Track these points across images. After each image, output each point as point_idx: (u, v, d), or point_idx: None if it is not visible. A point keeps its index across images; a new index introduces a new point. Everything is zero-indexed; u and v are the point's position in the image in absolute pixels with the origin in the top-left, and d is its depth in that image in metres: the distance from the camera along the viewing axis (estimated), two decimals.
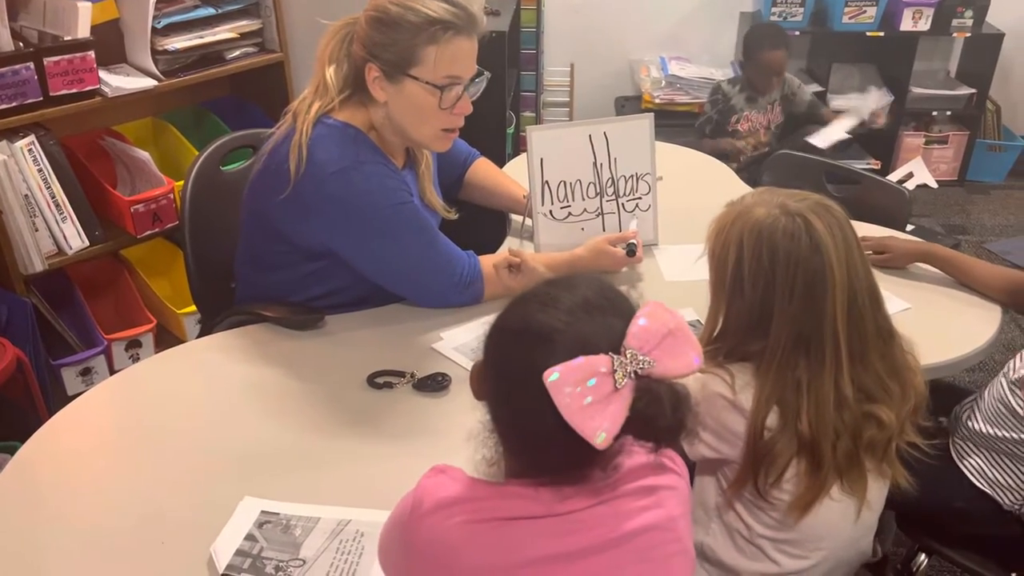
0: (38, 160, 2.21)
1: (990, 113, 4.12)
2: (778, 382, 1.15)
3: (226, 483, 1.24)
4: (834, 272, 1.15)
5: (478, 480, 0.93)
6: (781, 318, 1.15)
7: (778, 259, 1.15)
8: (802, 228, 1.15)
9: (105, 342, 2.43)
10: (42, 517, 1.20)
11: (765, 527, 1.20)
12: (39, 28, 2.22)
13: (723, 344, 1.21)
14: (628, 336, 0.83)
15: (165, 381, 1.49)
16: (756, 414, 1.15)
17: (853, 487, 1.18)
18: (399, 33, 1.47)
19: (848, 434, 1.15)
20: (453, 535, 0.87)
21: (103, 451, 1.34)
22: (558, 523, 0.88)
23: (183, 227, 1.82)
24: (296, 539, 1.13)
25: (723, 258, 1.21)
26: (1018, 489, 1.49)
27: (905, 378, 1.21)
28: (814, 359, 1.15)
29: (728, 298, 1.21)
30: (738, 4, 4.09)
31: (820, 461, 1.14)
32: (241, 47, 2.57)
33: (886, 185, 2.13)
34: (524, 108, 3.84)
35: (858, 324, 1.17)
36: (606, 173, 1.87)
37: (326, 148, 1.50)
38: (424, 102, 1.51)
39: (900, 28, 3.80)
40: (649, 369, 0.82)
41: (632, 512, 0.90)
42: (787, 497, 1.17)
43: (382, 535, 0.98)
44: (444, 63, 1.49)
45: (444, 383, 1.45)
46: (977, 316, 1.66)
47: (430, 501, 0.90)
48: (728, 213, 1.23)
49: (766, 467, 1.15)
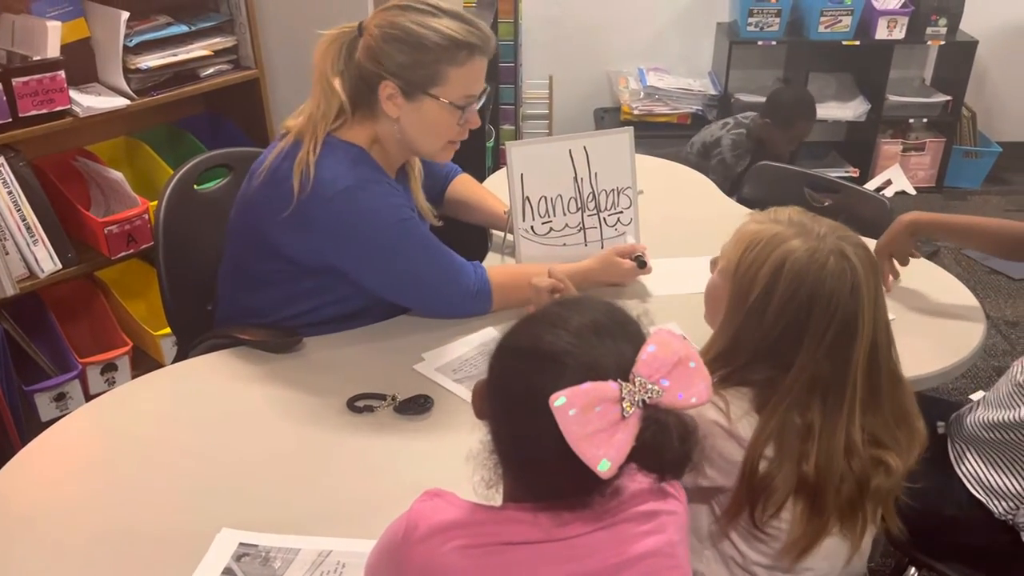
0: (8, 182, 2.16)
1: (966, 120, 4.16)
2: (786, 420, 1.11)
3: (204, 513, 1.21)
4: (864, 317, 1.11)
5: (474, 504, 0.90)
6: (806, 358, 1.11)
7: (819, 299, 1.10)
8: (847, 269, 1.10)
9: (80, 366, 2.38)
10: (15, 549, 1.16)
11: (761, 555, 1.18)
12: (7, 48, 2.18)
13: (724, 365, 1.17)
14: (638, 363, 0.81)
15: (141, 407, 1.46)
16: (755, 448, 1.11)
17: (850, 532, 1.15)
18: (423, 54, 1.47)
19: (854, 480, 1.11)
20: (448, 561, 0.85)
21: (77, 480, 1.30)
22: (558, 548, 0.86)
23: (157, 248, 1.79)
24: (276, 571, 1.10)
25: (748, 280, 1.14)
26: (1011, 496, 1.48)
27: (912, 425, 1.18)
28: (831, 405, 1.11)
29: (743, 321, 1.15)
30: (714, 15, 4.11)
31: (823, 506, 1.11)
32: (215, 64, 2.53)
33: (867, 195, 2.14)
34: (504, 121, 3.82)
35: (874, 372, 1.14)
36: (587, 188, 1.86)
37: (331, 167, 1.50)
38: (441, 120, 1.53)
39: (876, 37, 3.83)
40: (657, 399, 0.80)
41: (634, 537, 0.88)
42: (784, 526, 1.14)
43: (370, 561, 0.96)
44: (465, 83, 1.51)
45: (427, 405, 1.43)
46: (961, 325, 1.66)
47: (424, 526, 0.87)
48: (759, 234, 1.16)
49: (764, 500, 1.12)
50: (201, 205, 1.85)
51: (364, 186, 1.51)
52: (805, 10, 3.84)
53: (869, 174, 4.13)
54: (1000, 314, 3.13)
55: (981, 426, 1.52)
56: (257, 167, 1.57)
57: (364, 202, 1.51)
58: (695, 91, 4.03)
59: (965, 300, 1.75)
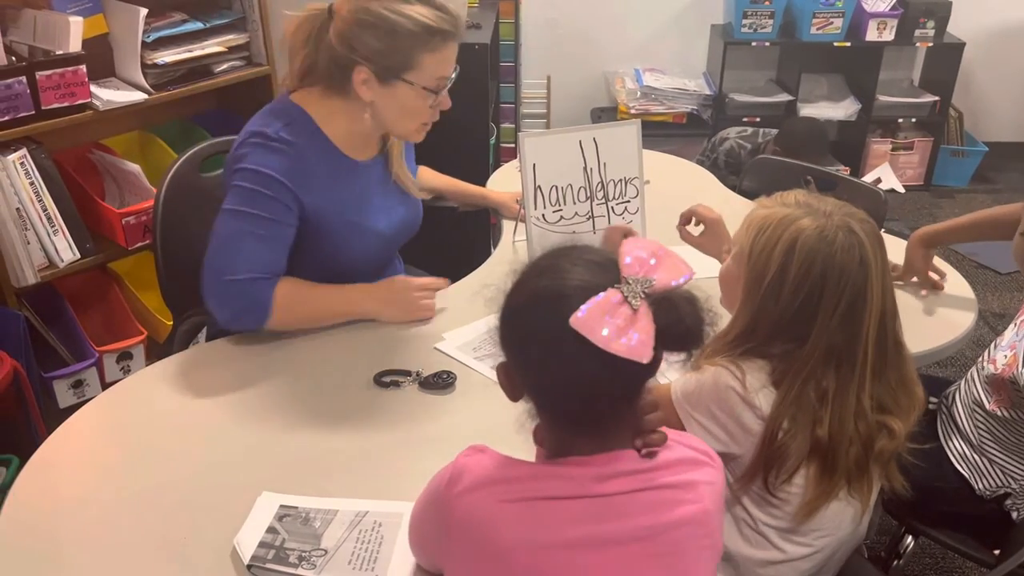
0: (30, 173, 2.22)
1: (953, 120, 4.26)
2: (803, 390, 1.17)
3: (242, 481, 1.27)
4: (873, 289, 1.17)
5: (517, 460, 0.94)
6: (820, 330, 1.16)
7: (830, 274, 1.16)
8: (855, 244, 1.16)
9: (96, 354, 2.44)
10: (61, 524, 1.22)
11: (772, 518, 1.23)
12: (29, 43, 2.23)
13: (745, 343, 1.22)
14: (623, 269, 0.89)
15: (178, 383, 1.51)
16: (775, 419, 1.17)
17: (859, 492, 1.22)
18: (397, 40, 1.51)
19: (860, 443, 1.18)
20: (490, 513, 0.90)
21: (115, 456, 1.36)
22: (596, 506, 0.90)
23: (155, 228, 1.83)
24: (316, 531, 1.17)
25: (762, 262, 1.20)
26: (991, 476, 1.56)
27: (912, 390, 1.25)
28: (844, 372, 1.17)
29: (760, 302, 1.20)
30: (709, 16, 4.20)
31: (834, 466, 1.17)
32: (228, 61, 2.60)
33: (862, 187, 2.22)
34: (504, 120, 3.90)
35: (883, 341, 1.20)
36: (596, 177, 1.93)
37: (262, 116, 1.59)
38: (415, 104, 1.57)
39: (866, 38, 3.93)
40: (653, 287, 0.87)
41: (671, 504, 0.92)
42: (796, 490, 1.20)
43: (415, 510, 1.01)
44: (437, 67, 1.55)
45: (449, 380, 1.49)
46: (953, 309, 1.74)
47: (468, 478, 0.92)
48: (770, 217, 1.22)
49: (778, 467, 1.18)
50: (204, 190, 1.89)
51: (267, 142, 1.54)
52: (798, 12, 3.94)
53: (859, 172, 4.23)
54: (987, 307, 3.24)
55: (957, 423, 1.61)
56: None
57: (251, 154, 1.54)
58: (690, 91, 4.11)
59: (960, 290, 1.83)
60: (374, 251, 1.71)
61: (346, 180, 1.64)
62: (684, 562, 0.93)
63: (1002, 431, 1.54)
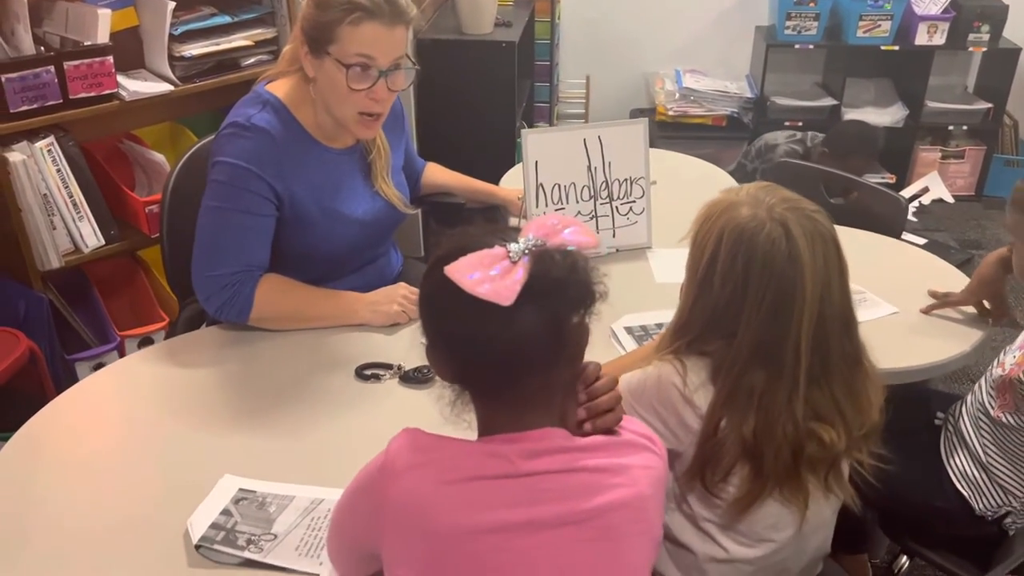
0: (57, 160, 2.29)
1: (1008, 128, 4.11)
2: (735, 388, 1.14)
3: (210, 465, 1.28)
4: (806, 290, 1.11)
5: (449, 439, 0.94)
6: (747, 324, 1.13)
7: (753, 265, 1.12)
8: (783, 237, 1.11)
9: (118, 338, 2.50)
10: (37, 490, 1.26)
11: (714, 515, 1.22)
12: (61, 34, 2.31)
13: (682, 337, 1.21)
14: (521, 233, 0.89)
15: (156, 372, 1.54)
16: (711, 417, 1.15)
17: (792, 497, 1.18)
18: (325, 12, 1.53)
19: (788, 447, 1.14)
20: (425, 494, 0.89)
21: (92, 437, 1.40)
22: (528, 488, 0.89)
23: (162, 212, 1.89)
24: (270, 515, 1.18)
25: (700, 249, 1.17)
26: (992, 495, 1.50)
27: (862, 406, 1.19)
28: (772, 371, 1.13)
29: (697, 291, 1.19)
30: (753, 18, 4.12)
31: (760, 468, 1.14)
32: (256, 54, 2.64)
33: (882, 193, 2.15)
34: (538, 119, 3.89)
35: (822, 347, 1.14)
36: (600, 176, 1.91)
37: (238, 106, 1.62)
38: (337, 81, 1.55)
39: (915, 42, 3.81)
40: (542, 247, 0.88)
41: (602, 488, 0.91)
42: (732, 490, 1.18)
43: (341, 502, 1.00)
44: (354, 43, 1.52)
45: (430, 375, 1.49)
46: (963, 322, 1.67)
47: (402, 462, 0.92)
48: (717, 204, 1.19)
49: (713, 465, 1.16)
50: None
51: (242, 133, 1.56)
52: (844, 14, 3.84)
53: (906, 180, 4.10)
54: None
55: (961, 434, 1.55)
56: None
57: (226, 145, 1.57)
58: (731, 93, 4.04)
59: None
60: (355, 238, 1.71)
61: (319, 167, 1.65)
62: (619, 547, 0.92)
63: (1005, 439, 1.49)
